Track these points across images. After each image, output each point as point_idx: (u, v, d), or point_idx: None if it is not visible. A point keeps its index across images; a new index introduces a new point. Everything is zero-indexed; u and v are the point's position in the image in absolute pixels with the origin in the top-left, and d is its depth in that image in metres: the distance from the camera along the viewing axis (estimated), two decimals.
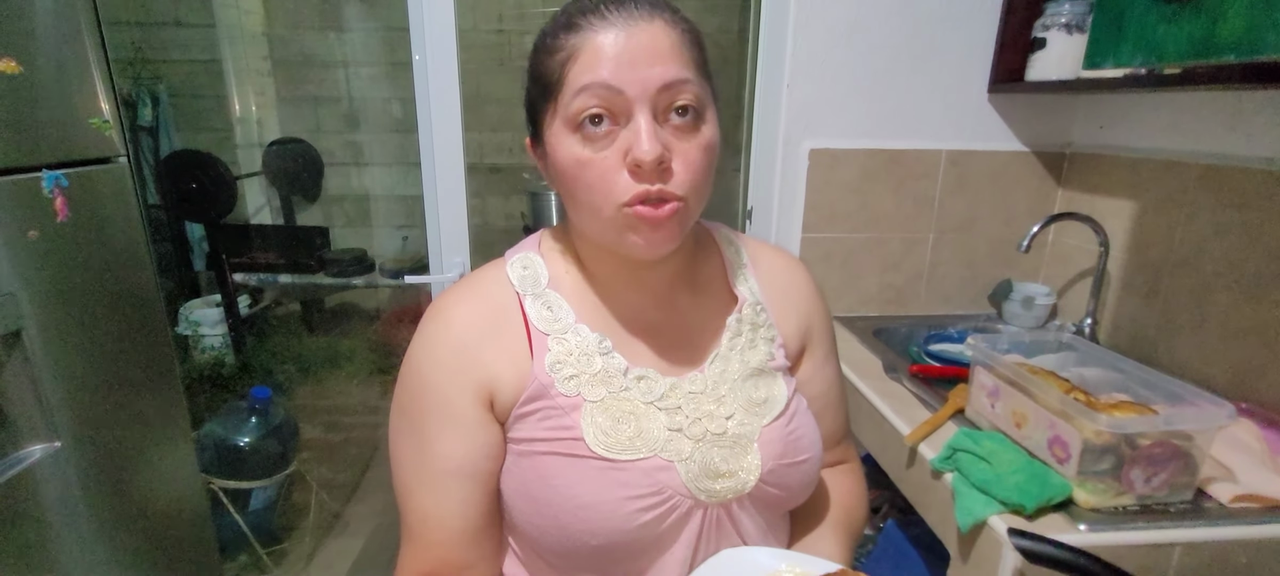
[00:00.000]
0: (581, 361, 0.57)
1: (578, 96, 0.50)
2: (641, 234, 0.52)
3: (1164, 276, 1.19)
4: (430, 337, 0.58)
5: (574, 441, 0.55)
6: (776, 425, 0.60)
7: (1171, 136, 1.19)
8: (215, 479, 1.79)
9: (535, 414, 0.56)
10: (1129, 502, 0.78)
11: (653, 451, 0.55)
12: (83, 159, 1.11)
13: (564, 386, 0.56)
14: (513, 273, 0.60)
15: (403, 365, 0.59)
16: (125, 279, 1.21)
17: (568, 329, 0.58)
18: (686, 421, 0.57)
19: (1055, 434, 0.81)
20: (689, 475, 0.55)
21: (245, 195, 3.34)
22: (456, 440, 0.56)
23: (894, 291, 1.52)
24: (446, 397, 0.56)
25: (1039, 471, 0.79)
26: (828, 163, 1.41)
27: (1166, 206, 1.19)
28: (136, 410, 1.25)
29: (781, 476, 0.59)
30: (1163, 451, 0.76)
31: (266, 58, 3.28)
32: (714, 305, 0.64)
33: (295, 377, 3.04)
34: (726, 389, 0.60)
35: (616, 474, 0.54)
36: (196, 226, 3.04)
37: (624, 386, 0.57)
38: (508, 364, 0.57)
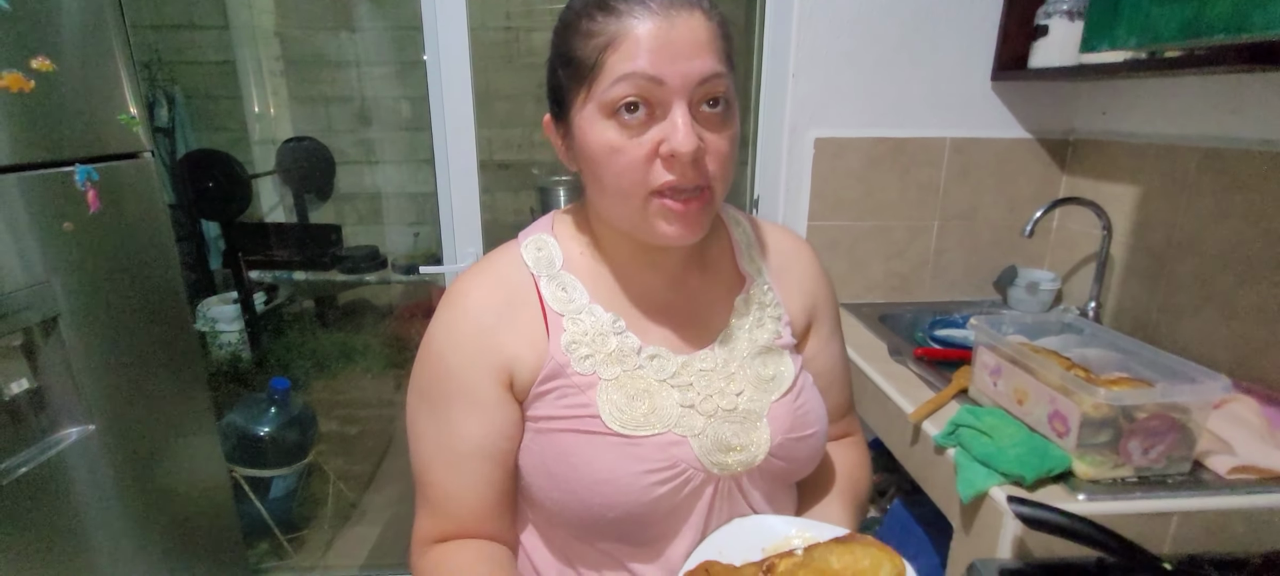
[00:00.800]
0: (596, 341, 0.58)
1: (617, 84, 0.50)
2: (671, 223, 0.54)
3: (1166, 260, 1.20)
4: (449, 321, 0.59)
5: (591, 418, 0.56)
6: (784, 400, 0.62)
7: (1172, 121, 1.20)
8: (237, 467, 1.83)
9: (553, 392, 0.58)
10: (1127, 474, 0.80)
11: (667, 427, 0.57)
12: (112, 154, 1.15)
13: (580, 365, 0.57)
14: (527, 254, 0.62)
15: (422, 347, 0.60)
16: (152, 271, 1.25)
17: (582, 309, 0.59)
18: (698, 398, 0.59)
19: (1055, 409, 0.83)
20: (702, 449, 0.57)
21: (259, 194, 3.40)
22: (477, 421, 0.58)
23: (899, 278, 1.54)
24: (467, 380, 0.57)
25: (1039, 444, 0.81)
26: (833, 151, 1.43)
27: (1168, 190, 1.20)
28: (163, 398, 1.29)
29: (789, 449, 0.61)
30: (1159, 424, 0.78)
31: (279, 58, 3.33)
32: (723, 285, 0.65)
33: (311, 372, 3.09)
34: (736, 366, 0.62)
35: (633, 449, 0.56)
36: (212, 225, 3.10)
37: (638, 365, 0.59)
38: (525, 344, 0.58)
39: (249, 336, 3.04)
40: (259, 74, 3.31)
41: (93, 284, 1.11)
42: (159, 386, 1.28)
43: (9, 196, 0.96)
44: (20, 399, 1.00)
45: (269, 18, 3.33)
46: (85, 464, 1.10)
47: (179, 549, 1.35)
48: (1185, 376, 0.81)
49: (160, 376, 1.28)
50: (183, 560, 1.36)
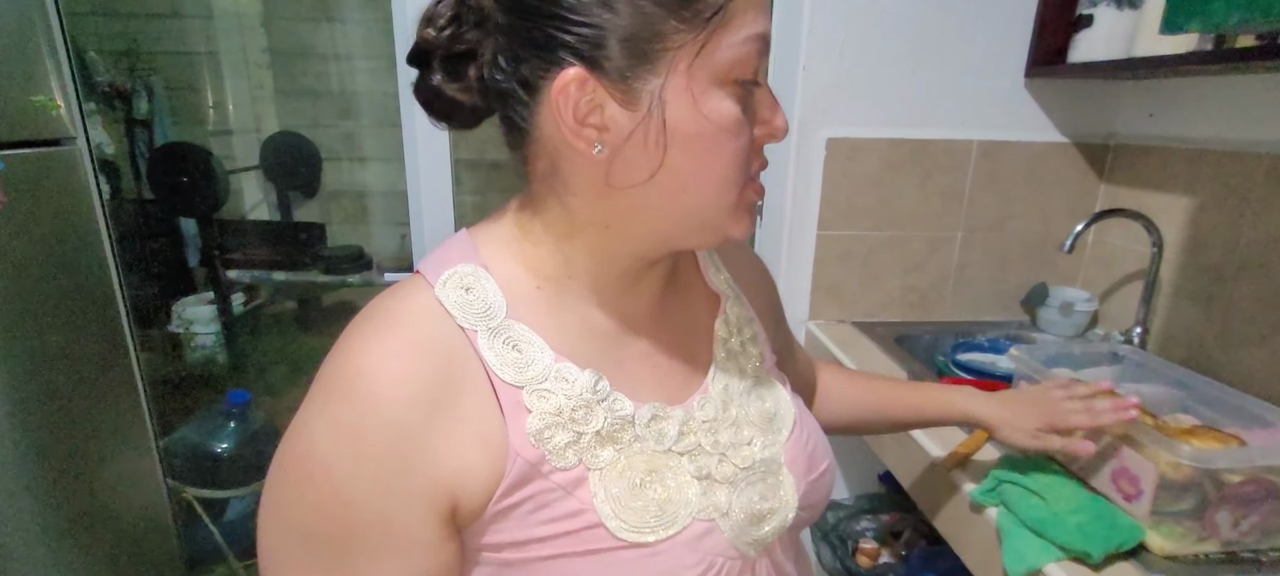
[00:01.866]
0: (578, 418, 0.41)
1: (747, 43, 0.38)
2: (750, 219, 0.44)
3: (1226, 281, 1.06)
4: (352, 429, 0.37)
5: (590, 530, 0.40)
6: (795, 437, 0.50)
7: (1236, 123, 1.06)
8: (189, 488, 1.68)
9: (523, 505, 0.40)
10: (1212, 548, 0.65)
11: (692, 516, 0.42)
12: (27, 139, 1.01)
13: (560, 459, 0.40)
14: (448, 298, 0.41)
15: (297, 461, 0.38)
16: (78, 269, 1.11)
17: (547, 374, 0.41)
18: (713, 462, 0.45)
19: (1121, 465, 0.68)
20: (734, 531, 0.44)
21: (242, 191, 3.28)
22: (397, 570, 0.38)
23: (918, 295, 1.39)
24: (383, 516, 0.37)
25: (1105, 511, 0.67)
26: (846, 153, 1.29)
27: (1229, 202, 1.06)
28: (89, 411, 1.15)
29: (811, 495, 0.50)
30: (1255, 490, 0.64)
31: (265, 49, 3.21)
32: (698, 306, 0.53)
33: (288, 378, 2.96)
34: (737, 409, 0.48)
35: (655, 561, 0.40)
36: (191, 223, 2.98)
37: (635, 436, 0.43)
38: (474, 445, 0.39)
39: (225, 338, 2.92)
40: (243, 66, 3.19)
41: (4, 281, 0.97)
42: (85, 399, 1.14)
43: None
44: None
45: (254, 7, 3.21)
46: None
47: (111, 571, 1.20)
48: (1276, 426, 0.66)
49: (84, 385, 1.14)
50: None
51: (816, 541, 1.33)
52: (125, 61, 3.02)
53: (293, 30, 3.24)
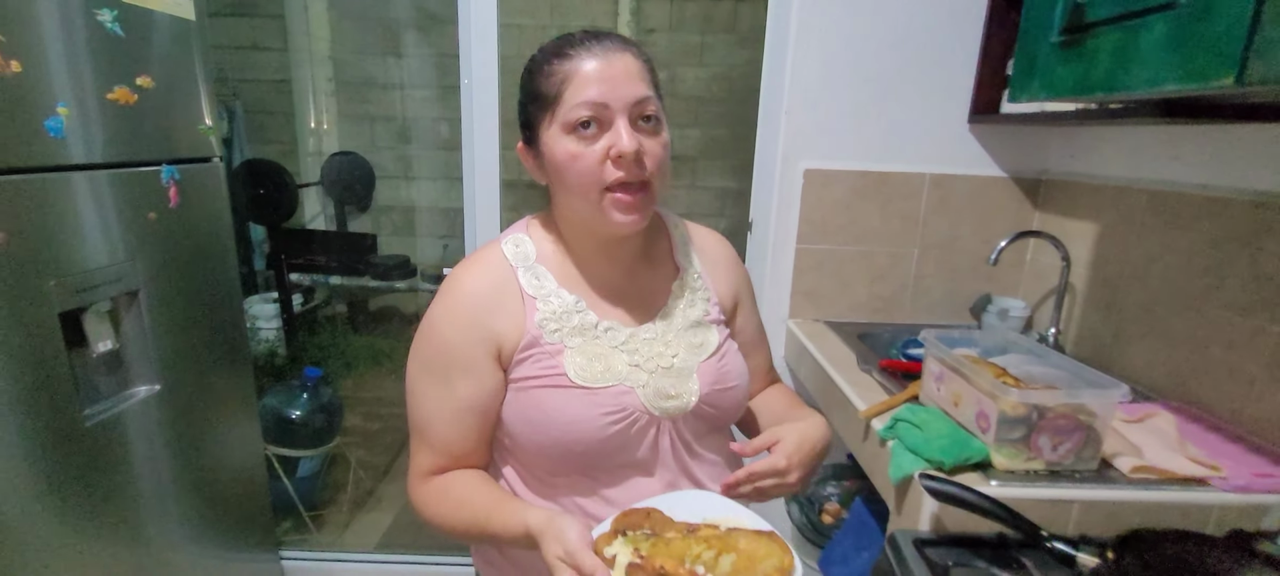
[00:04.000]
0: (563, 318, 0.75)
1: (576, 108, 0.69)
2: (621, 212, 0.71)
3: (1119, 291, 1.31)
4: (449, 305, 0.76)
5: (559, 376, 0.73)
6: (710, 361, 0.80)
7: (1126, 165, 1.32)
8: (270, 446, 2.01)
9: (529, 358, 0.74)
10: (1038, 467, 0.91)
11: (618, 380, 0.74)
12: (190, 157, 1.36)
13: (550, 337, 0.74)
14: (507, 250, 0.78)
15: (424, 326, 0.77)
16: (215, 262, 1.45)
17: (552, 293, 0.76)
18: (643, 359, 0.77)
19: (981, 409, 0.95)
20: (645, 396, 0.75)
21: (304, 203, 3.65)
22: (473, 385, 0.74)
23: (882, 301, 1.66)
24: (465, 353, 0.74)
25: (961, 437, 0.93)
26: (821, 182, 1.57)
27: (1122, 228, 1.31)
28: (215, 373, 1.48)
29: (715, 398, 0.79)
30: (1066, 422, 0.89)
31: (331, 79, 3.60)
32: (663, 274, 0.84)
33: (340, 370, 3.29)
34: (672, 336, 0.80)
35: (592, 398, 0.73)
36: (258, 229, 3.35)
37: (595, 335, 0.76)
38: (509, 322, 0.75)
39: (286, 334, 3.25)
40: (313, 93, 3.59)
41: (167, 266, 1.31)
42: (213, 363, 1.47)
43: (104, 189, 1.16)
44: (105, 357, 1.19)
45: (325, 42, 3.61)
46: (147, 420, 1.28)
47: (217, 514, 1.52)
48: (1095, 385, 0.92)
49: (214, 355, 1.47)
50: (219, 525, 1.53)
51: (788, 502, 1.59)
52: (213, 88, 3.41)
53: (357, 62, 3.62)
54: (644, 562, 0.63)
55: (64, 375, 1.09)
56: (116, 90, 1.14)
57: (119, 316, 1.22)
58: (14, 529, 1.04)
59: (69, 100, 1.06)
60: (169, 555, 1.36)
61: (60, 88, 1.05)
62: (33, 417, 1.05)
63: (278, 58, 3.54)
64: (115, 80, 1.15)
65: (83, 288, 1.11)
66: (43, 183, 1.05)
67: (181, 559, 1.40)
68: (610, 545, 0.66)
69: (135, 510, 1.27)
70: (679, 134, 3.23)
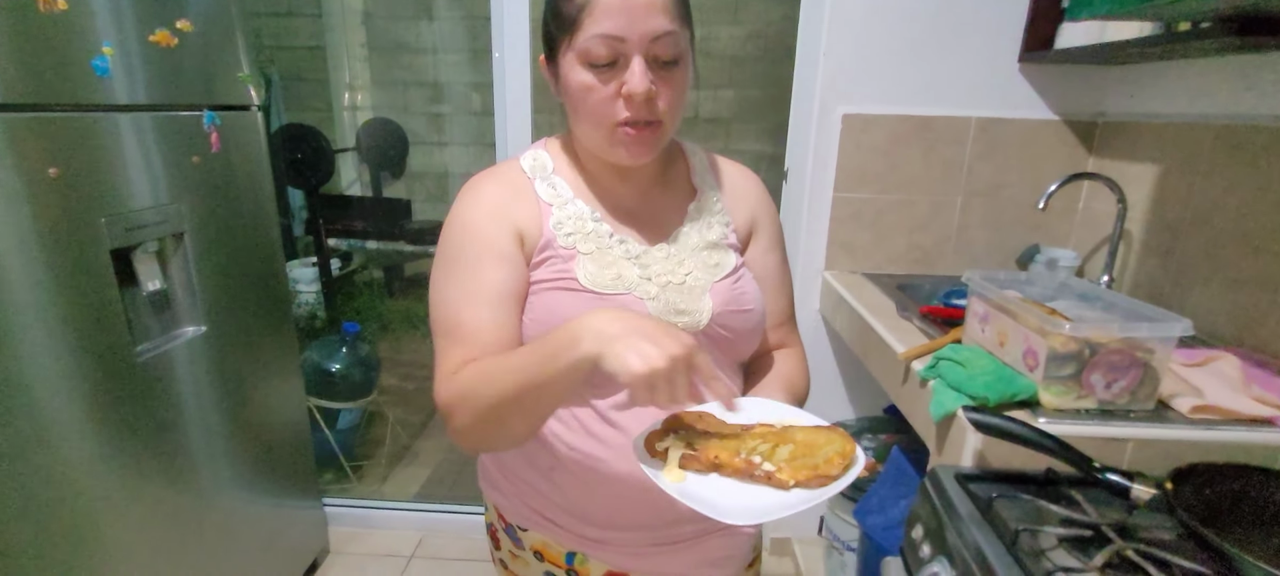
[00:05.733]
0: (577, 224, 0.74)
1: (591, 39, 0.65)
2: (628, 148, 0.70)
3: (1180, 235, 1.24)
4: (472, 201, 0.74)
5: (571, 280, 0.71)
6: (725, 282, 0.77)
7: (1193, 100, 1.23)
8: (311, 398, 2.07)
9: (545, 261, 0.73)
10: (1089, 405, 0.87)
11: (628, 289, 0.72)
12: (230, 104, 1.38)
13: (564, 241, 0.73)
14: (525, 163, 0.78)
15: (447, 226, 0.74)
16: (255, 209, 1.48)
17: (567, 201, 0.75)
18: (655, 274, 0.75)
19: (1028, 346, 0.91)
20: (655, 309, 0.72)
21: (340, 169, 3.71)
22: (503, 269, 0.71)
23: (921, 252, 1.60)
24: (492, 237, 0.71)
25: (1007, 374, 0.89)
26: (860, 127, 1.52)
27: (1186, 167, 1.23)
28: (258, 318, 1.52)
29: (728, 320, 0.76)
30: (1121, 359, 0.85)
31: (364, 44, 3.63)
32: (680, 197, 0.82)
33: (377, 333, 3.36)
34: (686, 255, 0.77)
35: (601, 303, 0.70)
36: (297, 194, 3.42)
37: (608, 245, 0.74)
38: (528, 221, 0.74)
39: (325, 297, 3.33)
40: (346, 58, 3.62)
41: (211, 211, 1.34)
42: (256, 311, 1.50)
43: (148, 131, 1.19)
44: (154, 297, 1.23)
45: (358, 7, 3.63)
46: (194, 361, 1.33)
47: (263, 460, 1.57)
48: (1153, 319, 0.87)
49: (257, 303, 1.51)
50: (265, 471, 1.58)
51: None
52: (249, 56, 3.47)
53: (390, 27, 3.63)
54: (698, 453, 0.62)
55: (116, 310, 1.13)
56: (158, 33, 1.16)
57: (166, 257, 1.26)
58: (75, 463, 1.09)
59: (113, 40, 1.08)
60: (219, 498, 1.41)
61: (104, 27, 1.07)
62: (89, 351, 1.09)
63: (312, 23, 3.57)
64: (157, 22, 1.17)
65: (132, 226, 1.15)
66: (91, 122, 1.08)
67: (231, 502, 1.45)
68: (662, 441, 0.64)
69: (187, 452, 1.32)
70: (712, 95, 3.16)
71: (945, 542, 0.74)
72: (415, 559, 1.97)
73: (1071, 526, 0.69)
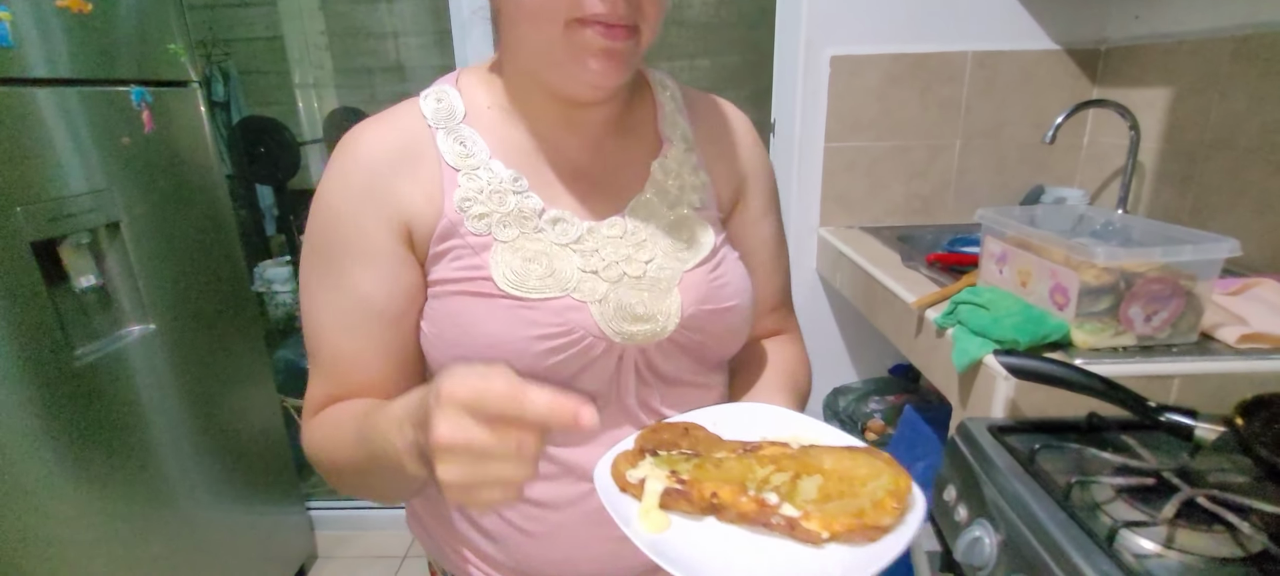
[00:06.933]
0: (492, 199, 0.54)
1: None
2: (596, 58, 0.49)
3: (1197, 161, 1.16)
4: (341, 169, 0.54)
5: (483, 280, 0.53)
6: (700, 270, 0.58)
7: (1205, 13, 1.15)
8: (288, 398, 1.96)
9: (447, 254, 0.54)
10: (1128, 342, 0.79)
11: (564, 291, 0.53)
12: (162, 80, 1.25)
13: (474, 225, 0.53)
14: (426, 106, 0.56)
15: (314, 200, 0.55)
16: (202, 195, 1.36)
17: (480, 165, 0.55)
18: (602, 264, 0.55)
19: (1056, 282, 0.82)
20: (603, 316, 0.54)
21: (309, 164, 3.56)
22: (373, 278, 0.53)
23: (921, 200, 1.52)
24: (362, 230, 0.53)
25: (1036, 314, 0.81)
26: (850, 70, 1.42)
27: (1200, 88, 1.15)
28: (219, 320, 1.41)
29: (703, 322, 0.57)
30: (1161, 288, 0.77)
31: (324, 32, 3.47)
32: (641, 149, 0.61)
33: None
34: (647, 234, 0.58)
35: (525, 312, 0.52)
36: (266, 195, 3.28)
37: (537, 227, 0.55)
38: (422, 199, 0.54)
39: None
40: (306, 47, 3.46)
41: (149, 198, 1.22)
42: (214, 307, 1.39)
43: (72, 107, 1.06)
44: (90, 294, 1.12)
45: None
46: (147, 362, 1.21)
47: (239, 467, 1.47)
48: (1195, 241, 0.79)
49: (214, 298, 1.39)
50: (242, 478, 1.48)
51: (828, 418, 1.49)
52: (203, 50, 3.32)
53: (350, 12, 3.47)
54: (687, 488, 0.44)
55: (45, 311, 1.01)
56: None
57: (101, 249, 1.14)
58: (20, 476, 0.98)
59: (10, 3, 0.95)
60: (193, 507, 1.31)
61: None
62: (17, 355, 0.98)
63: (268, 13, 3.41)
64: None
65: (56, 216, 1.03)
66: None
67: (207, 511, 1.35)
68: (634, 467, 0.47)
69: (153, 461, 1.22)
70: (688, 65, 3.05)
71: (984, 502, 0.66)
72: (408, 558, 1.88)
73: (1129, 475, 0.61)
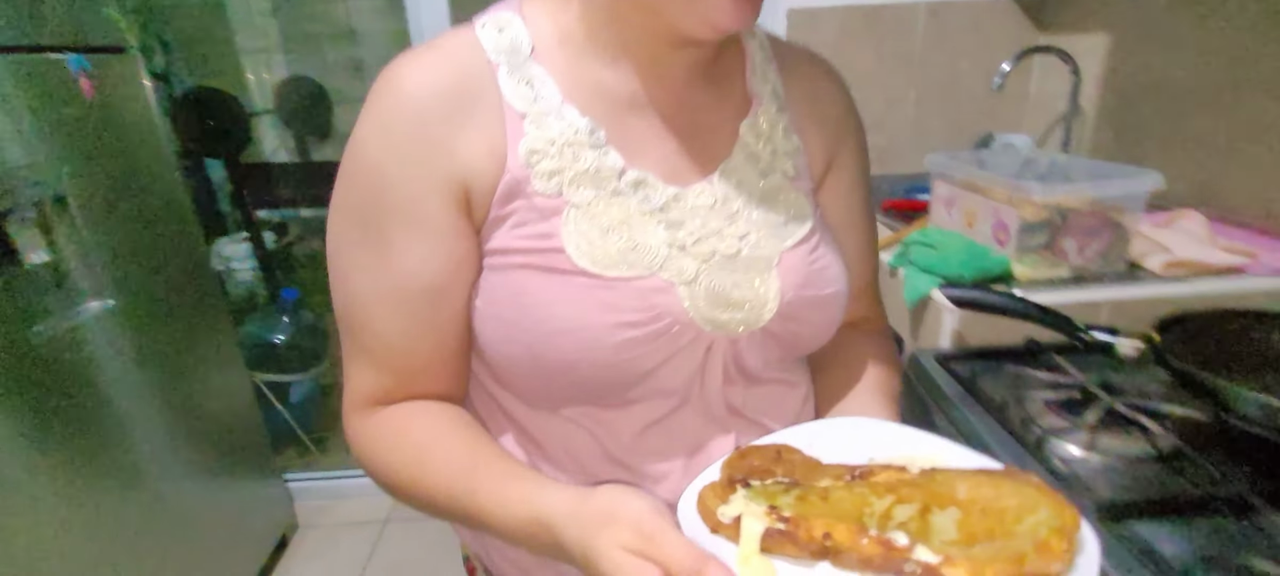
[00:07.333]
0: (566, 153, 0.45)
1: None
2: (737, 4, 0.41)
3: (1134, 104, 1.22)
4: (384, 116, 0.45)
5: (553, 252, 0.44)
6: (800, 249, 0.50)
7: None
8: (257, 373, 1.94)
9: (509, 218, 0.45)
10: (1063, 272, 0.84)
11: (650, 269, 0.45)
12: (100, 46, 1.20)
13: (542, 183, 0.45)
14: (485, 36, 0.46)
15: (348, 153, 0.47)
16: (152, 168, 1.32)
17: (550, 111, 0.46)
18: (691, 239, 0.47)
19: (998, 220, 0.87)
20: (693, 300, 0.45)
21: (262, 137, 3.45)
22: (427, 253, 0.45)
23: (878, 151, 1.55)
24: (411, 196, 0.44)
25: (979, 250, 0.86)
26: (807, 23, 1.44)
27: (1139, 33, 1.20)
28: (180, 295, 1.38)
29: (802, 310, 0.49)
30: (1093, 221, 0.82)
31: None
32: (729, 105, 0.51)
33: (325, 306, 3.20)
34: (740, 205, 0.49)
35: (604, 293, 0.44)
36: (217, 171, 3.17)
37: (617, 189, 0.46)
38: (484, 150, 0.45)
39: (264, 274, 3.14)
40: (248, 13, 3.31)
41: (96, 170, 1.18)
42: (174, 282, 1.36)
43: (4, 79, 1.02)
44: (42, 270, 1.08)
45: None
46: (108, 339, 1.19)
47: (212, 443, 1.46)
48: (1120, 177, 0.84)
49: (173, 272, 1.36)
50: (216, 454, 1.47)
51: None
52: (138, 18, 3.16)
53: None
54: (793, 528, 0.37)
55: None
56: None
57: (49, 224, 1.10)
58: None
59: None
60: (167, 485, 1.30)
61: None
62: None
63: None
64: None
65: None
66: None
67: (182, 491, 1.35)
68: (726, 504, 0.40)
69: (122, 440, 1.20)
70: None
71: (933, 426, 0.71)
72: (390, 522, 1.91)
73: (1058, 390, 0.67)
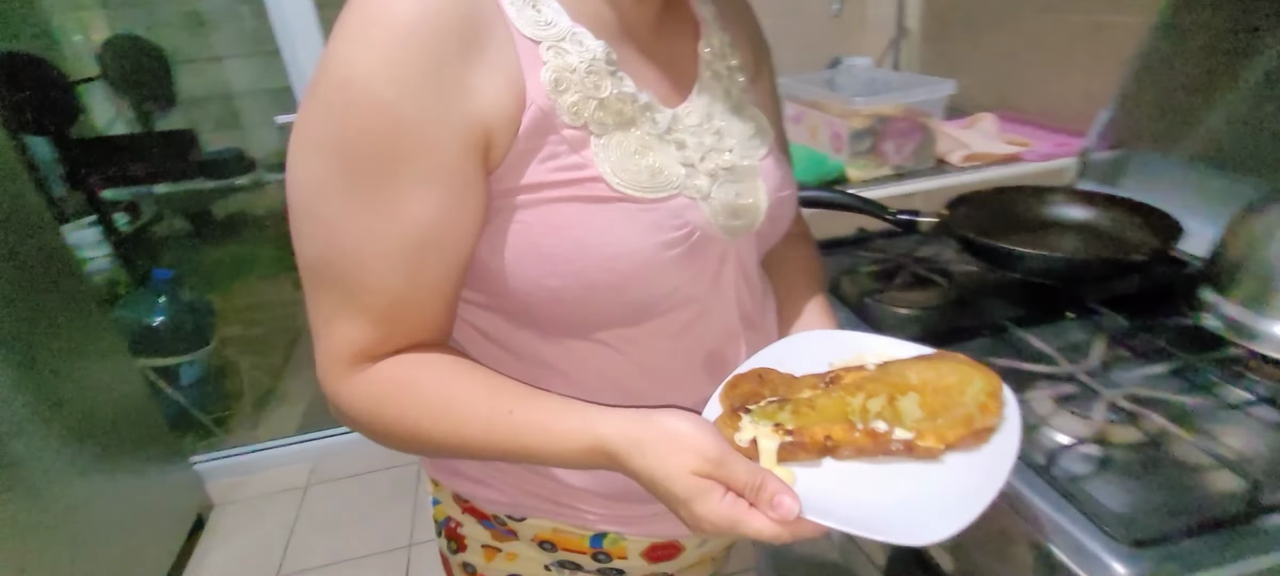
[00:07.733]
0: (588, 81, 0.43)
1: None
2: None
3: (948, 24, 1.43)
4: (381, 46, 0.38)
5: (592, 181, 0.43)
6: (770, 156, 0.54)
7: None
8: (142, 358, 1.84)
9: (538, 151, 0.42)
10: (886, 171, 1.03)
11: (676, 189, 0.46)
12: None
13: (569, 115, 0.43)
14: None
15: (332, 83, 0.39)
16: None
17: (564, 35, 0.43)
18: (696, 156, 0.49)
19: (834, 131, 1.04)
20: (714, 213, 0.48)
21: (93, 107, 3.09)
22: (436, 199, 0.41)
23: None
24: (430, 143, 0.39)
25: (819, 158, 1.02)
26: None
27: None
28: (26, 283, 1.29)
29: (779, 210, 0.54)
30: (906, 125, 1.00)
31: None
32: (687, 27, 0.54)
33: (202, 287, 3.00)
34: (720, 121, 0.52)
35: (646, 215, 0.45)
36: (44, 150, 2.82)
37: (633, 114, 0.46)
38: (502, 84, 0.41)
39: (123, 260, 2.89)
40: None
41: None
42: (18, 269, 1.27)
43: None
44: None
45: None
46: None
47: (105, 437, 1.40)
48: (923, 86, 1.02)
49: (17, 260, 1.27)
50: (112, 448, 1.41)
51: None
52: None
53: None
54: (798, 436, 0.43)
55: None
56: None
57: None
58: None
59: None
60: (60, 493, 1.25)
61: None
62: None
63: None
64: None
65: None
66: None
67: (77, 493, 1.29)
68: (738, 431, 0.44)
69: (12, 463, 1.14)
70: None
71: None
72: (312, 487, 1.92)
73: (880, 264, 0.84)
